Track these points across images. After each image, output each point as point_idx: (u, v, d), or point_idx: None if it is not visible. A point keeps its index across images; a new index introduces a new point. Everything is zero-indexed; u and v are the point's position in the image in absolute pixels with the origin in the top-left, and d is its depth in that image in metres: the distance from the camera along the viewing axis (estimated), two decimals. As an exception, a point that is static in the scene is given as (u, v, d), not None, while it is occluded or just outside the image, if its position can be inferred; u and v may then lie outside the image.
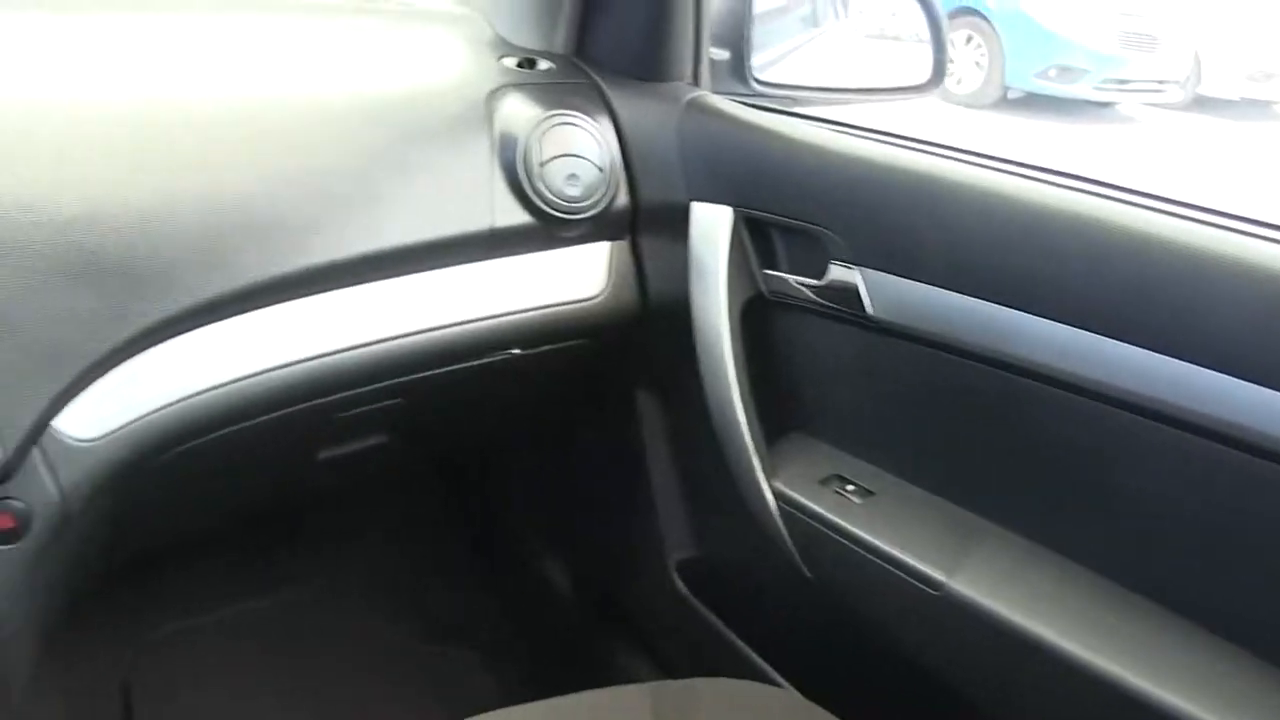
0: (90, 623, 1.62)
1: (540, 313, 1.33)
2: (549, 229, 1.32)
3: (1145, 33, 8.62)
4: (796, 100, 1.52)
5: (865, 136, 1.23)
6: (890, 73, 1.63)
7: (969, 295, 1.07)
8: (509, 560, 1.97)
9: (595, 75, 1.42)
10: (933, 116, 5.15)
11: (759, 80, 1.49)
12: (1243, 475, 0.92)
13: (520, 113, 1.32)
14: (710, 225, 1.29)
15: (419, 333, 1.25)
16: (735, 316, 1.28)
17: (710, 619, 1.51)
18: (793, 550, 1.28)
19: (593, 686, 1.10)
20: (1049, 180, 1.06)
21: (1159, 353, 0.93)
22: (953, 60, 8.17)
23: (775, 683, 1.42)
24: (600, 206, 1.34)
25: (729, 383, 1.28)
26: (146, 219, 1.08)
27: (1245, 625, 0.98)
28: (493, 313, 1.30)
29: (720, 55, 1.49)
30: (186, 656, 1.79)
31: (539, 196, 1.29)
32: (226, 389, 1.14)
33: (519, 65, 1.41)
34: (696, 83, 1.44)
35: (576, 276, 1.36)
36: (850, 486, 1.25)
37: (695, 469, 1.51)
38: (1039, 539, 1.13)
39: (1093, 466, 1.05)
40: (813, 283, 1.23)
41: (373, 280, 1.22)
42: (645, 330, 1.42)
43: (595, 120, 1.35)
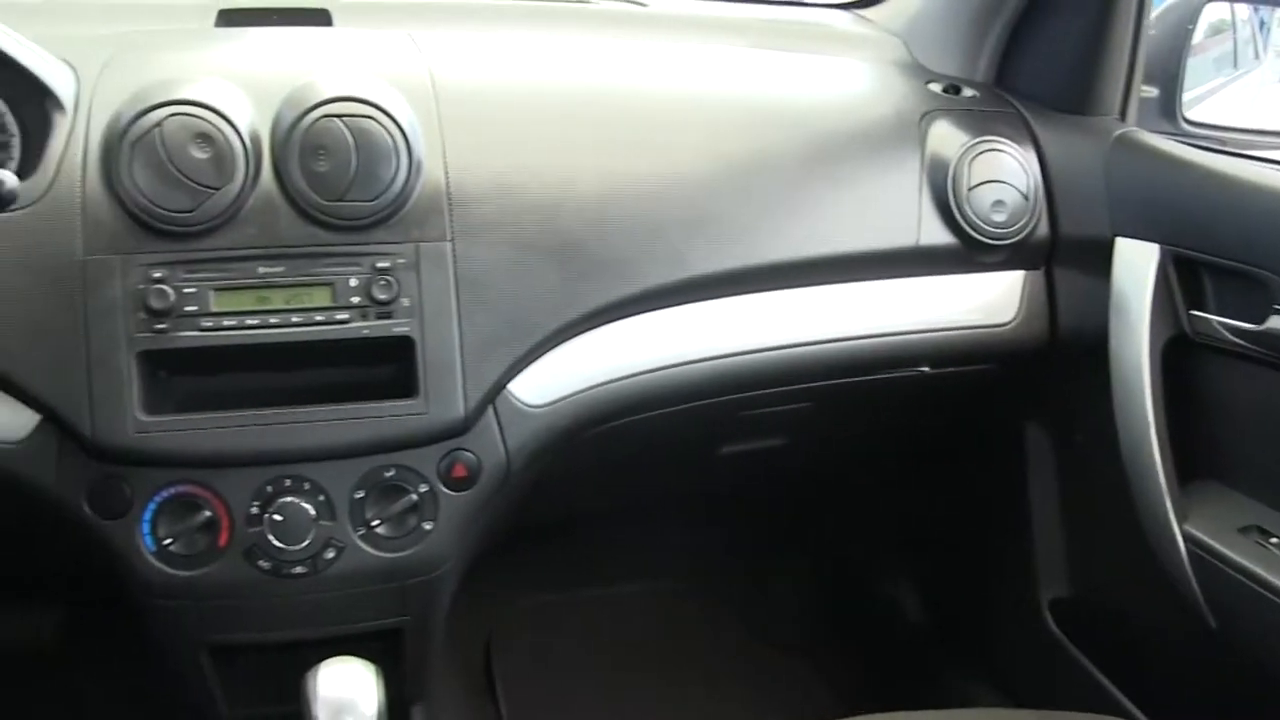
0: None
1: (952, 333, 1.36)
2: (970, 252, 1.34)
3: None
4: (1224, 142, 1.49)
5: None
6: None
7: None
8: (855, 578, 1.99)
9: (1019, 104, 1.44)
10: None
11: (1188, 120, 1.47)
12: None
13: (951, 137, 1.35)
14: (1136, 262, 1.28)
15: (835, 340, 1.30)
16: (1156, 355, 1.26)
17: (1081, 660, 1.48)
18: (1199, 598, 1.24)
19: (935, 708, 1.11)
20: None
21: None
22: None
23: None
24: (1022, 234, 1.35)
25: (1146, 422, 1.25)
26: (610, 208, 1.18)
27: None
28: (907, 328, 1.33)
29: (1149, 92, 1.48)
30: (543, 627, 1.91)
31: (965, 219, 1.32)
32: (655, 374, 1.23)
33: (945, 91, 1.45)
34: (1124, 118, 1.43)
35: (990, 302, 1.38)
36: (1274, 539, 1.20)
37: (1085, 507, 1.49)
38: None
39: None
40: (1247, 327, 1.19)
41: (797, 285, 1.28)
42: (1050, 362, 1.41)
43: (1021, 149, 1.37)
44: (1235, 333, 1.21)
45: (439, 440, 1.12)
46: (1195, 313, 1.26)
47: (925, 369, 1.37)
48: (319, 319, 1.09)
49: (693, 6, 1.65)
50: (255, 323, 1.08)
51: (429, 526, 1.13)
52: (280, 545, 1.10)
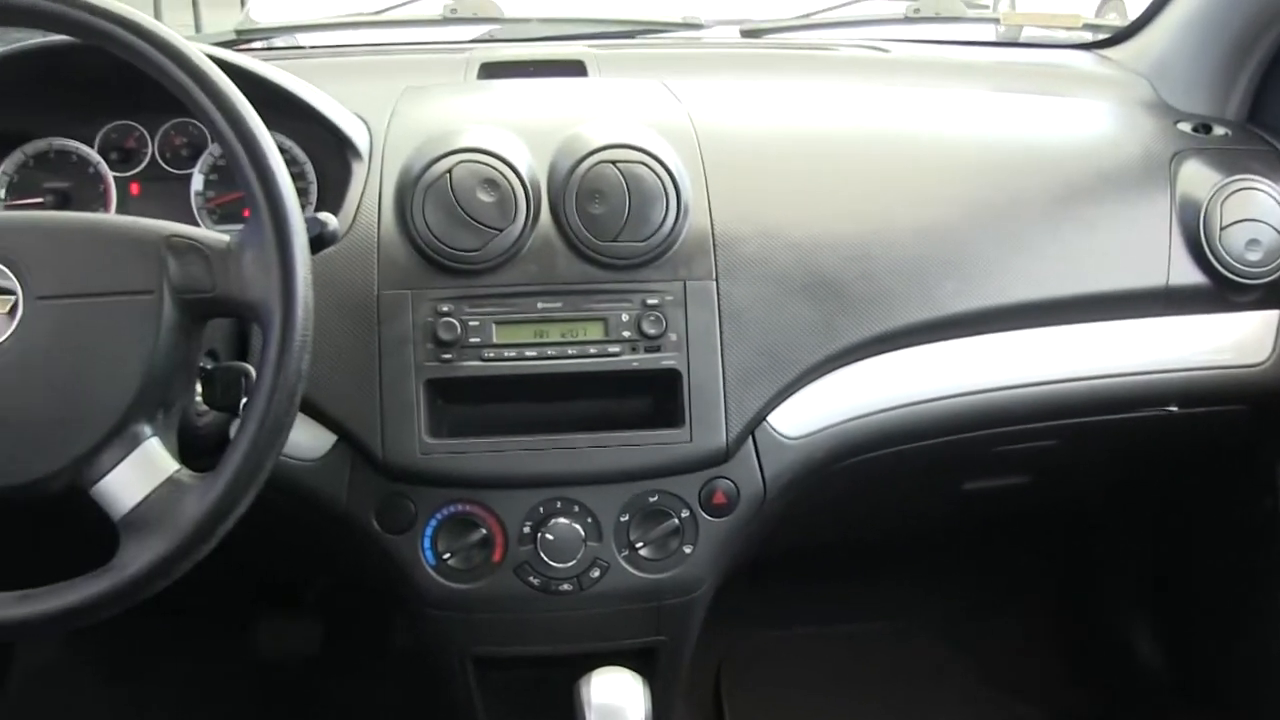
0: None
1: (1201, 374, 1.35)
2: (1223, 292, 1.33)
3: None
4: None
5: None
6: None
7: None
8: (1092, 623, 1.96)
9: (1275, 142, 1.42)
10: None
11: None
12: None
13: (1202, 176, 1.35)
14: None
15: (1083, 379, 1.31)
16: None
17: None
18: None
19: None
20: None
21: None
22: None
23: None
24: (1278, 273, 1.33)
25: None
26: (866, 246, 1.23)
27: None
28: (1156, 368, 1.33)
29: None
30: (774, 661, 1.94)
31: (1218, 259, 1.31)
32: (907, 409, 1.26)
33: (1194, 130, 1.44)
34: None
35: (1242, 341, 1.37)
36: None
37: None
38: None
39: None
40: None
41: (1046, 324, 1.29)
42: None
43: (1277, 187, 1.35)
44: None
45: (701, 468, 1.18)
46: None
47: (1172, 409, 1.35)
48: (592, 351, 1.16)
49: (934, 51, 1.69)
50: (533, 354, 1.16)
51: (689, 550, 1.19)
52: (550, 563, 1.17)
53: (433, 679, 1.32)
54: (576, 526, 1.17)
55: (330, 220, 1.05)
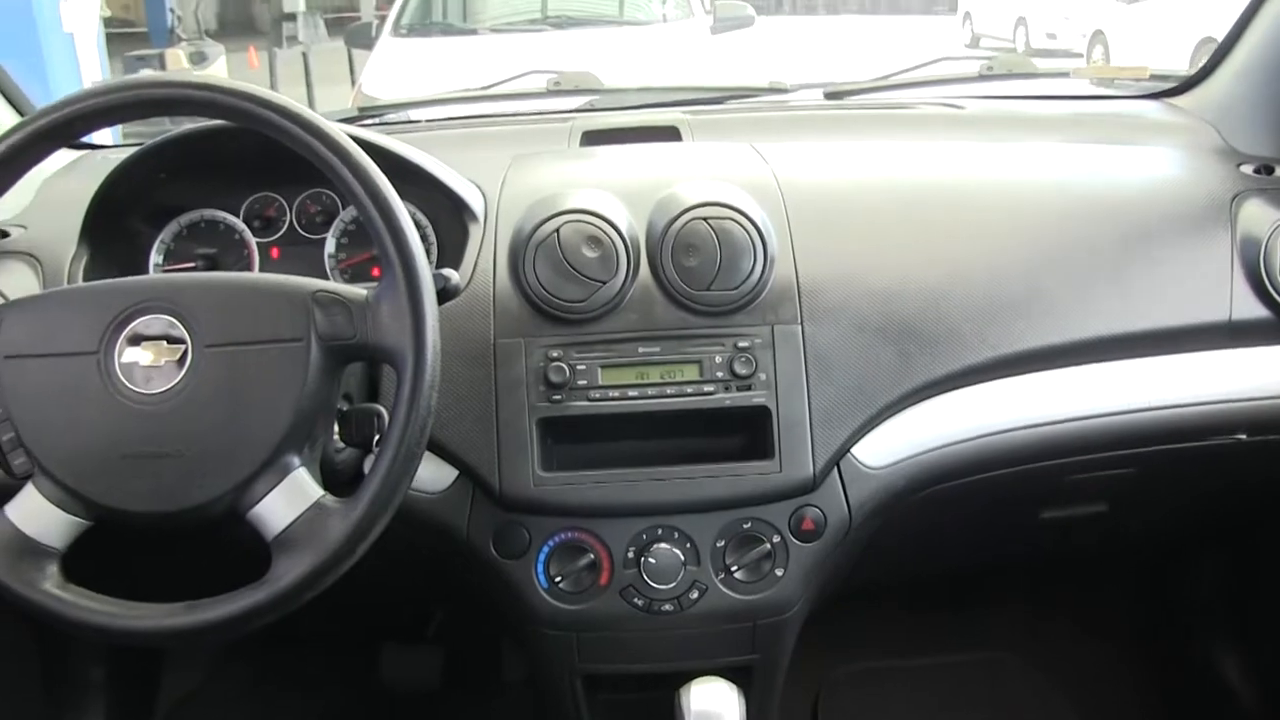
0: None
1: (1269, 402, 1.41)
2: None
3: None
4: None
5: None
6: None
7: None
8: (1181, 656, 2.00)
9: None
10: None
11: None
12: None
13: (1262, 215, 1.42)
14: None
15: (1152, 409, 1.38)
16: None
17: None
18: None
19: None
20: None
21: None
22: None
23: None
24: None
25: None
26: (939, 292, 1.32)
27: None
28: (1224, 398, 1.40)
29: None
30: (871, 691, 2.01)
31: (1278, 293, 1.38)
32: (982, 440, 1.35)
33: (1256, 171, 1.51)
34: None
35: (1311, 370, 1.42)
36: None
37: None
38: None
39: None
40: None
41: (1115, 359, 1.37)
42: None
43: None
44: None
45: (791, 497, 1.28)
46: None
47: (1242, 437, 1.42)
48: (689, 391, 1.27)
49: (1007, 106, 1.78)
50: (635, 394, 1.27)
51: (780, 573, 1.29)
52: (652, 585, 1.27)
53: (544, 702, 1.43)
54: (676, 551, 1.27)
55: (453, 275, 1.18)
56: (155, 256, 1.44)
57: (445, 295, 1.17)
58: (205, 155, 1.39)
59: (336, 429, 1.18)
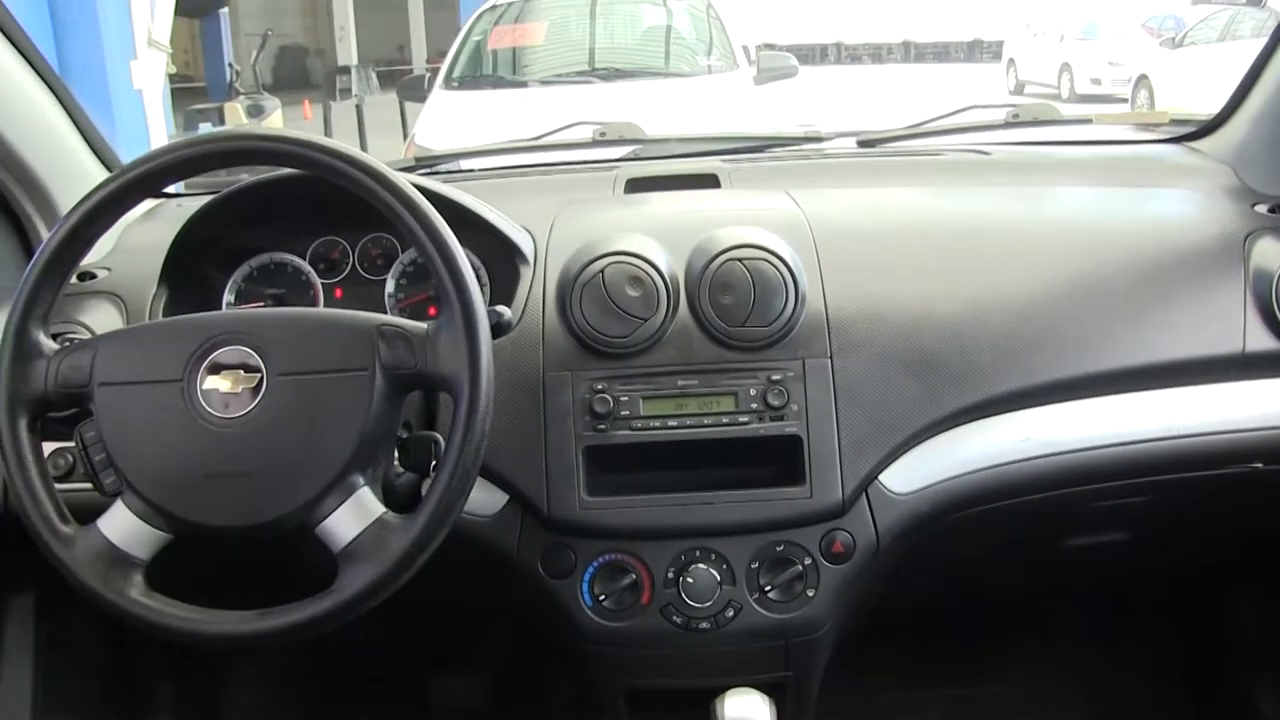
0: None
1: None
2: None
3: None
4: None
5: None
6: None
7: None
8: (1217, 683, 2.03)
9: None
10: None
11: None
12: None
13: (1274, 251, 1.49)
14: None
15: (1169, 439, 1.44)
16: None
17: None
18: None
19: None
20: None
21: None
22: None
23: None
24: None
25: None
26: (963, 325, 1.40)
27: None
28: (1238, 427, 1.46)
29: None
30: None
31: None
32: (1004, 468, 1.42)
33: (1270, 210, 1.58)
34: None
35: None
36: None
37: None
38: None
39: None
40: None
41: (1131, 390, 1.44)
42: None
43: None
44: None
45: (821, 521, 1.36)
46: None
47: (1258, 465, 1.47)
48: (725, 421, 1.35)
49: (1032, 152, 1.86)
50: (675, 424, 1.36)
51: (811, 593, 1.36)
52: (691, 604, 1.35)
53: (590, 711, 1.51)
54: (713, 572, 1.35)
55: (506, 311, 1.28)
56: (228, 296, 1.55)
57: (498, 330, 1.26)
58: (273, 202, 1.50)
59: (396, 454, 1.26)
